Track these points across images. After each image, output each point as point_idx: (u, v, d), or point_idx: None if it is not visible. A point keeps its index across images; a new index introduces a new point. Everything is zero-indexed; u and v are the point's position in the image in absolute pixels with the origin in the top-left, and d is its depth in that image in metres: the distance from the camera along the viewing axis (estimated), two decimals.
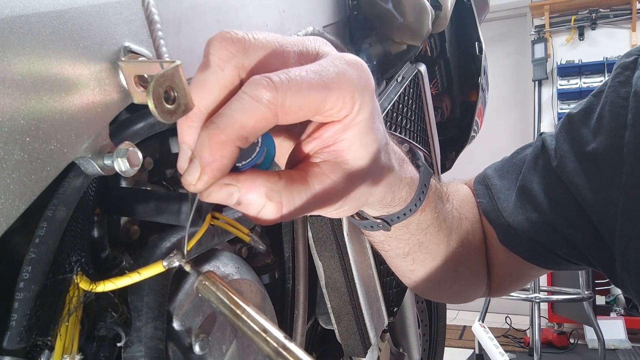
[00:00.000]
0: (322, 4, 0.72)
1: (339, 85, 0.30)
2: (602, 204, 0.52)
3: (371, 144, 0.35)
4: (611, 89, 0.54)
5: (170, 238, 0.44)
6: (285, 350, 0.30)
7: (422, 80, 0.96)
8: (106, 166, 0.34)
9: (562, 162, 0.55)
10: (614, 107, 0.52)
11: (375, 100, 0.34)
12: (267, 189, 0.30)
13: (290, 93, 0.28)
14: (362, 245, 0.77)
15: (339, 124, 0.33)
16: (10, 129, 0.28)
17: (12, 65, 0.28)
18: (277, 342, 0.30)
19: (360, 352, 0.75)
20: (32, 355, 0.33)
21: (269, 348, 0.30)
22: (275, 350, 0.30)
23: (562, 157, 0.56)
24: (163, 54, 0.37)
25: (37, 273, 0.32)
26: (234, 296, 0.32)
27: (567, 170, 0.55)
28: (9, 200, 0.28)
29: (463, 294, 0.68)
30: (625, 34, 4.08)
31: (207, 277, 0.33)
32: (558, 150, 0.57)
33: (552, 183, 0.57)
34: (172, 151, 0.51)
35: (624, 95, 0.52)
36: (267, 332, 0.30)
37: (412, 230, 0.51)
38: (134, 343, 0.39)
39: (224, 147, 0.28)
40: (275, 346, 0.30)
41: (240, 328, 0.31)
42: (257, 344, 0.31)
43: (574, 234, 0.56)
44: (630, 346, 3.51)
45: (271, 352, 0.30)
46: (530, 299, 3.02)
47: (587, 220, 0.54)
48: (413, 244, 0.53)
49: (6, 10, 0.28)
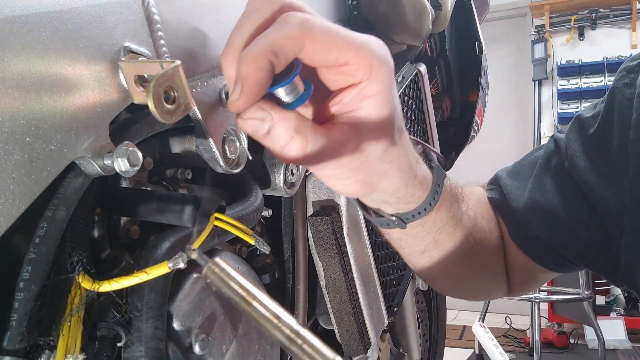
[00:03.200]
0: (322, 4, 0.72)
1: (362, 46, 0.34)
2: (611, 200, 0.53)
3: (388, 118, 0.38)
4: (617, 91, 0.56)
5: (171, 238, 0.44)
6: (298, 337, 0.29)
7: (422, 80, 0.96)
8: (106, 166, 0.34)
9: (573, 161, 0.57)
10: (620, 107, 0.54)
11: (393, 80, 0.37)
12: (296, 123, 0.34)
13: (317, 27, 0.32)
14: (362, 245, 0.77)
15: (356, 89, 0.35)
16: (10, 129, 0.28)
17: (12, 65, 0.28)
18: (291, 329, 0.29)
19: (360, 352, 0.75)
20: (32, 355, 0.32)
21: (282, 335, 0.29)
22: (288, 337, 0.29)
23: (573, 157, 0.57)
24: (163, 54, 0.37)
25: (37, 273, 0.32)
26: (244, 283, 0.31)
27: (578, 168, 0.56)
28: (9, 200, 0.28)
29: (483, 292, 0.69)
30: (625, 34, 4.08)
31: (216, 263, 0.32)
32: (569, 150, 0.58)
33: (565, 183, 0.58)
34: (172, 151, 0.51)
35: (629, 97, 0.54)
36: (280, 319, 0.30)
37: (428, 229, 0.52)
38: (134, 343, 0.39)
39: (258, 60, 0.31)
40: (289, 333, 0.29)
41: (251, 315, 0.30)
42: (269, 331, 0.30)
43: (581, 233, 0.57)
44: (630, 346, 3.51)
45: (284, 339, 0.29)
46: (530, 299, 3.02)
47: (597, 220, 0.55)
48: (429, 241, 0.54)
49: (6, 10, 0.28)
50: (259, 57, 0.31)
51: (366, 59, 0.34)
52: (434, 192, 0.48)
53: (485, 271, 0.64)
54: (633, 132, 0.52)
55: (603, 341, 3.01)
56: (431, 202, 0.48)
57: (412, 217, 0.48)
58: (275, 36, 0.31)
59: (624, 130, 0.53)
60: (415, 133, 0.95)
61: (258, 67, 0.31)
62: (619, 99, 0.55)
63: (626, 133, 0.52)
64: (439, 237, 0.53)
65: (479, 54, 1.16)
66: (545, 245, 0.59)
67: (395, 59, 0.87)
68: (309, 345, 0.29)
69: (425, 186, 0.47)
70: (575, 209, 0.57)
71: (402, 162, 0.42)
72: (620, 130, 0.53)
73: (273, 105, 0.34)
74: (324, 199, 0.72)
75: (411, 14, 0.80)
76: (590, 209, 0.56)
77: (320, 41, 0.32)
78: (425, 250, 0.55)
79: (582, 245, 0.58)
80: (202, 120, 0.42)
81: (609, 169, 0.54)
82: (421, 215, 0.48)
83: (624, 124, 0.53)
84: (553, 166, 0.60)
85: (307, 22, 0.32)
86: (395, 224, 0.49)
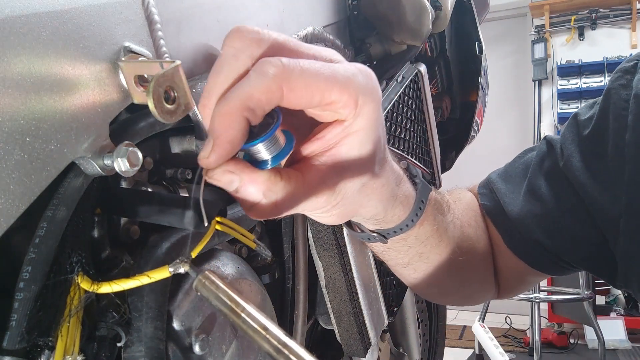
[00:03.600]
0: (322, 4, 0.72)
1: (346, 83, 0.31)
2: (607, 203, 0.52)
3: (369, 154, 0.36)
4: (613, 92, 0.55)
5: (171, 238, 0.44)
6: (285, 347, 0.30)
7: (422, 80, 0.96)
8: (106, 166, 0.34)
9: (569, 161, 0.56)
10: (616, 108, 0.53)
11: (380, 112, 0.35)
12: (266, 188, 0.32)
13: (296, 72, 0.30)
14: (362, 245, 0.77)
15: (340, 127, 0.34)
16: (10, 129, 0.28)
17: (12, 65, 0.28)
18: (278, 340, 0.31)
19: (360, 352, 0.75)
20: (32, 355, 0.32)
21: (270, 346, 0.31)
22: (275, 348, 0.30)
23: (569, 157, 0.56)
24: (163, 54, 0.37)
25: (37, 273, 0.32)
26: (233, 295, 0.32)
27: (573, 169, 0.55)
28: (9, 200, 0.28)
29: (471, 297, 0.68)
30: (625, 34, 4.08)
31: (207, 276, 0.33)
32: (564, 149, 0.57)
33: (560, 184, 0.57)
34: (172, 151, 0.51)
35: (625, 98, 0.53)
36: (268, 330, 0.31)
37: (411, 243, 0.51)
38: (134, 343, 0.39)
39: (231, 118, 0.29)
40: (276, 344, 0.30)
41: (240, 327, 0.31)
42: (257, 342, 0.31)
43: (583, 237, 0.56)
44: (630, 346, 3.51)
45: (272, 350, 0.30)
46: (530, 299, 3.02)
47: (593, 222, 0.55)
48: (412, 255, 0.54)
49: (6, 10, 0.28)
50: (232, 114, 0.29)
51: (352, 97, 0.32)
52: (416, 209, 0.47)
53: (473, 279, 0.63)
54: (630, 135, 0.51)
55: (603, 341, 3.01)
56: (413, 218, 0.47)
57: (393, 233, 0.48)
58: (249, 91, 0.29)
59: (620, 132, 0.52)
60: (415, 133, 0.95)
61: (231, 125, 0.29)
62: (615, 100, 0.54)
63: (622, 135, 0.52)
64: (423, 250, 0.53)
65: (479, 54, 1.16)
66: (544, 250, 0.59)
67: (395, 59, 0.87)
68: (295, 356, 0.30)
69: (407, 205, 0.47)
70: (573, 212, 0.56)
71: (382, 192, 0.41)
72: (615, 131, 0.53)
73: (243, 166, 0.31)
74: None
75: (411, 14, 0.80)
76: (587, 211, 0.55)
77: (300, 88, 0.30)
78: (410, 263, 0.55)
79: (582, 250, 0.57)
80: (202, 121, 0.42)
81: (604, 172, 0.53)
82: (403, 231, 0.48)
83: (619, 125, 0.52)
84: (546, 168, 0.59)
85: (285, 71, 0.29)
86: (377, 239, 0.49)
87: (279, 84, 0.29)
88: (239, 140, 0.30)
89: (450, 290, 0.63)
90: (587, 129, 0.56)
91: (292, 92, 0.30)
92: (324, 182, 0.35)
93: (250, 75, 0.29)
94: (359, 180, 0.37)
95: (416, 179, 0.49)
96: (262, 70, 0.29)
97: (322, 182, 0.35)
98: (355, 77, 0.32)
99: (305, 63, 0.30)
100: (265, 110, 0.30)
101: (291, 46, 0.32)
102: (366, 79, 0.33)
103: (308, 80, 0.30)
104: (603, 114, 0.55)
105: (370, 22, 0.82)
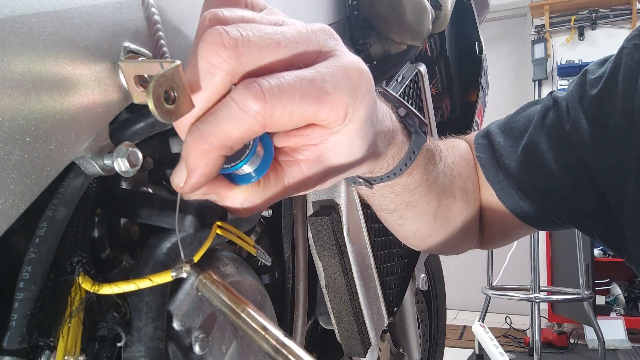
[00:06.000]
0: (322, 4, 0.72)
1: (333, 98, 0.29)
2: (613, 168, 0.51)
3: (357, 148, 0.35)
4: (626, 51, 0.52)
5: (171, 238, 0.44)
6: (284, 347, 0.30)
7: (422, 80, 0.96)
8: (106, 166, 0.34)
9: (577, 123, 0.54)
10: (627, 70, 0.51)
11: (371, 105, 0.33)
12: (244, 199, 0.32)
13: (280, 105, 0.27)
14: (362, 245, 0.77)
15: (327, 129, 0.32)
16: (10, 129, 0.28)
17: (12, 65, 0.28)
18: (277, 340, 0.31)
19: (360, 352, 0.75)
20: (32, 355, 0.32)
21: (269, 346, 0.31)
22: (274, 348, 0.31)
23: (576, 119, 0.54)
24: (163, 54, 0.37)
25: (37, 273, 0.32)
26: (233, 295, 0.32)
27: (579, 132, 0.53)
28: (9, 200, 0.28)
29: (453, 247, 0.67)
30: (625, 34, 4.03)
31: (207, 276, 0.33)
32: (570, 109, 0.55)
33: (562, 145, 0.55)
34: (172, 151, 0.51)
35: (637, 59, 0.51)
36: (267, 330, 0.31)
37: (398, 191, 0.50)
38: (134, 343, 0.39)
39: (208, 156, 0.27)
40: (275, 344, 0.31)
41: (240, 327, 0.32)
42: (256, 342, 0.31)
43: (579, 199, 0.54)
44: (630, 346, 3.51)
45: (271, 350, 0.31)
46: (530, 299, 3.02)
47: (594, 187, 0.53)
48: (399, 202, 0.52)
49: (6, 10, 0.28)
50: (208, 152, 0.27)
51: (341, 109, 0.30)
52: (405, 159, 0.46)
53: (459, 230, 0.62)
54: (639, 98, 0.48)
55: (603, 341, 3.01)
56: (402, 167, 0.46)
57: (380, 180, 0.47)
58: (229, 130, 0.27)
59: (629, 94, 0.49)
60: None
61: (206, 162, 0.27)
62: (626, 61, 0.51)
63: (630, 98, 0.49)
64: (411, 198, 0.52)
65: (479, 54, 1.16)
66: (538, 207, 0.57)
67: (395, 59, 0.87)
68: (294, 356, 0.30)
69: (397, 156, 0.45)
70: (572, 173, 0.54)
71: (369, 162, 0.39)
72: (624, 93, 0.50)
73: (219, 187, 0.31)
74: (324, 199, 0.72)
75: (411, 14, 0.80)
76: (588, 173, 0.53)
77: (284, 119, 0.28)
78: (396, 210, 0.54)
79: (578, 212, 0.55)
80: None
81: (611, 135, 0.51)
82: (390, 179, 0.47)
83: (629, 87, 0.50)
84: (549, 125, 0.57)
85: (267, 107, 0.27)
86: (362, 183, 0.48)
87: (262, 122, 0.27)
88: (214, 174, 0.29)
89: (435, 240, 0.62)
90: (595, 88, 0.54)
91: (275, 125, 0.28)
92: (307, 177, 0.33)
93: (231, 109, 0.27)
94: (347, 172, 0.36)
95: (412, 128, 0.47)
96: (244, 104, 0.27)
97: (306, 177, 0.33)
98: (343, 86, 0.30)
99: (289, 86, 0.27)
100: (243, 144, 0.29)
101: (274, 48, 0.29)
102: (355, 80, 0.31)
103: (292, 111, 0.28)
104: (613, 73, 0.52)
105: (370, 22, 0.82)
